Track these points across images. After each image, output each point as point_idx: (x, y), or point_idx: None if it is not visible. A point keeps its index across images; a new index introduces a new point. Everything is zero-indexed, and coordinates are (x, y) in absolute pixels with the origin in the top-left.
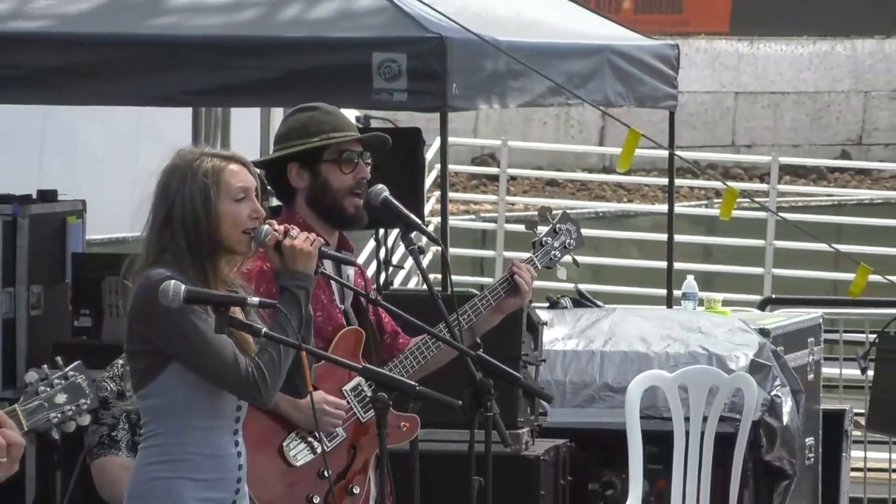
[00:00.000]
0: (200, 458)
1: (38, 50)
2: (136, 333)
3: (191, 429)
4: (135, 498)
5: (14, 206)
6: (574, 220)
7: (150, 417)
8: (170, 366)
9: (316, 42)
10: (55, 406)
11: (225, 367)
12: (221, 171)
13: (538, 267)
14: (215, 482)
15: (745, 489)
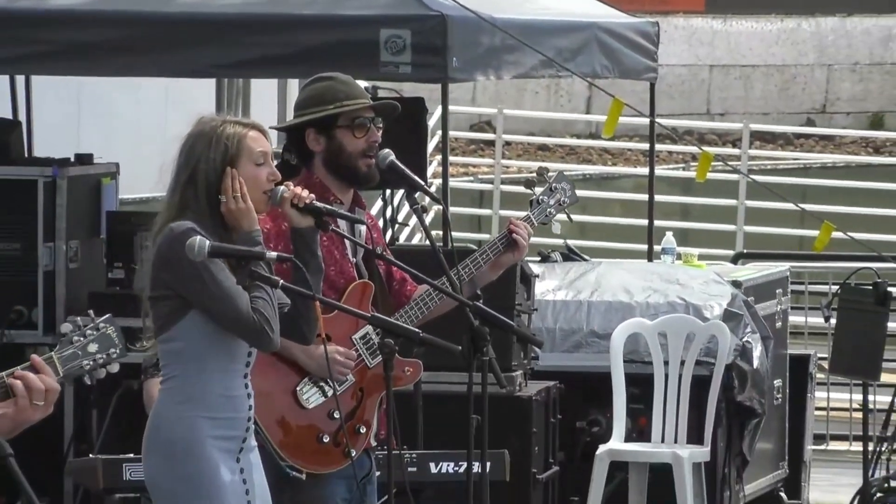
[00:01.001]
0: (216, 398)
1: (74, 26)
2: (159, 281)
3: (207, 371)
4: (155, 434)
5: (54, 169)
6: (569, 179)
7: (169, 360)
8: (190, 312)
9: (328, 19)
10: (88, 354)
11: (239, 315)
12: (243, 136)
13: (535, 224)
14: (229, 421)
15: (718, 427)
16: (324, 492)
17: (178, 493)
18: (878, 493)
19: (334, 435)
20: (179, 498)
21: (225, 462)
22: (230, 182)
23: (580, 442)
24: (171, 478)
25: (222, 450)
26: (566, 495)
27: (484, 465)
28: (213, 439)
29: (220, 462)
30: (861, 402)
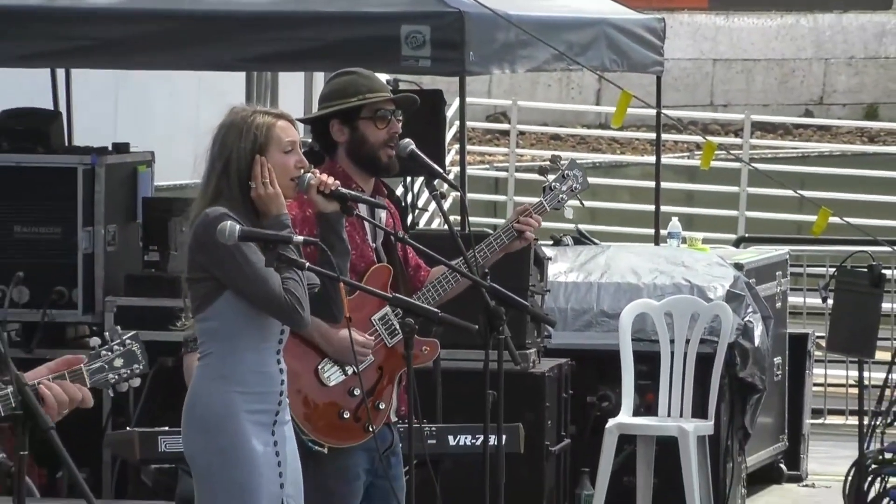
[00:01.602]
0: (250, 374)
1: (112, 22)
2: (195, 263)
3: (241, 349)
4: (193, 409)
5: (92, 157)
6: (580, 167)
7: (206, 338)
8: (224, 293)
9: (352, 16)
10: (113, 368)
11: (271, 296)
12: (272, 126)
13: (547, 209)
14: (262, 395)
15: (721, 402)
16: (346, 463)
17: (214, 465)
18: (873, 465)
19: (354, 411)
20: (215, 470)
21: (258, 435)
22: (259, 169)
23: (591, 416)
24: (207, 451)
25: (256, 423)
26: (577, 466)
27: (500, 437)
28: (246, 413)
29: (254, 435)
30: (857, 379)
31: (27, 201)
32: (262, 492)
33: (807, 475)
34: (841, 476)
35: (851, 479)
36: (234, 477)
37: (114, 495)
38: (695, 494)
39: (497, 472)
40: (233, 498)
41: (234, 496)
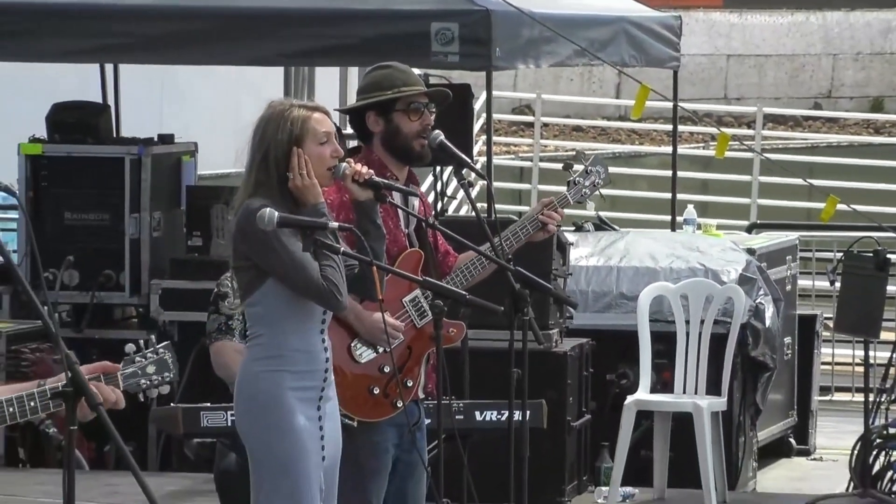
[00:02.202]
0: (295, 353)
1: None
2: (238, 253)
3: (287, 330)
4: (244, 388)
5: (139, 148)
6: (604, 162)
7: (254, 322)
8: (267, 280)
9: (385, 13)
10: (146, 375)
11: (309, 282)
12: (307, 119)
13: (571, 203)
14: (307, 373)
15: (734, 379)
16: (376, 437)
17: (263, 439)
18: (878, 440)
19: (384, 387)
20: (264, 443)
21: (303, 411)
22: (296, 160)
23: (610, 393)
24: (257, 426)
25: (301, 399)
26: (597, 441)
27: (524, 413)
28: (292, 390)
29: (299, 411)
30: (862, 358)
31: (77, 189)
32: (307, 464)
33: (815, 449)
34: (847, 450)
35: (857, 452)
36: (280, 451)
37: (158, 468)
38: (709, 467)
39: (521, 446)
40: (280, 470)
41: (280, 469)
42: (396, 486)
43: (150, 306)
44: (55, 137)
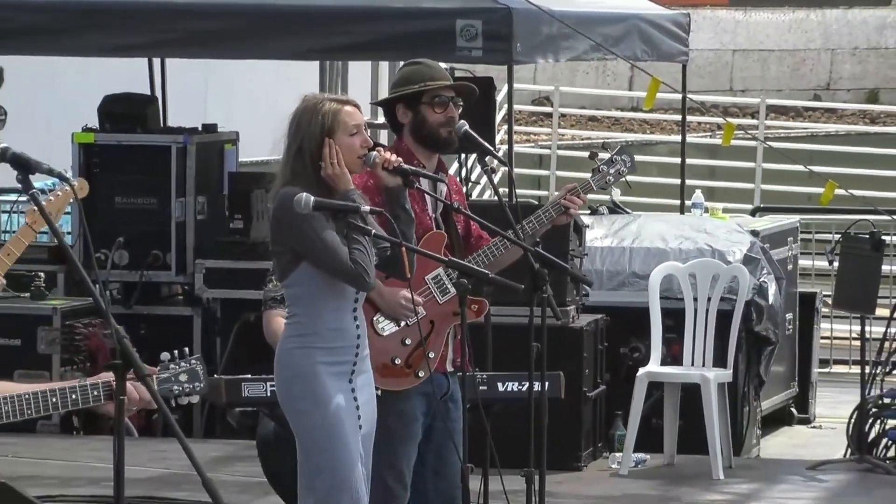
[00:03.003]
0: (328, 331)
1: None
2: (276, 237)
3: (321, 310)
4: (281, 363)
5: (185, 137)
6: (630, 152)
7: (291, 301)
8: (303, 263)
9: (413, 11)
10: (178, 382)
11: (339, 264)
12: (338, 111)
13: (593, 189)
14: (339, 349)
15: (739, 353)
16: (404, 407)
17: (300, 408)
18: (873, 409)
19: (406, 358)
20: (302, 412)
21: (336, 383)
22: (328, 151)
23: (623, 365)
24: (294, 398)
25: (334, 374)
26: (611, 410)
27: (543, 384)
28: (325, 365)
29: (332, 383)
30: (859, 333)
31: (127, 176)
32: (343, 433)
33: (815, 418)
34: (845, 419)
35: (854, 421)
36: (315, 420)
37: (203, 435)
38: (715, 435)
39: (541, 415)
40: (317, 436)
41: (317, 435)
42: (435, 451)
43: (194, 284)
44: (106, 127)
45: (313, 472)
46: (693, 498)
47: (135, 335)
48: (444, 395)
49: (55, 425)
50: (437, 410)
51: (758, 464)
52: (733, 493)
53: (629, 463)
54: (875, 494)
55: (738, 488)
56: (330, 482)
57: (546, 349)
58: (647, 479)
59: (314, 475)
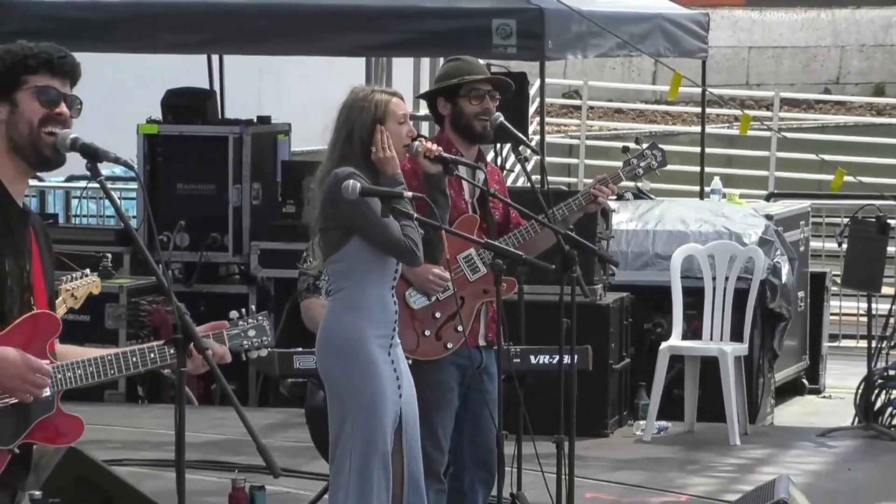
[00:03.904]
0: (373, 305)
1: (257, 15)
2: (327, 215)
3: (367, 284)
4: (329, 335)
5: (241, 128)
6: (661, 148)
7: (337, 277)
8: (351, 239)
9: (452, 11)
10: (247, 337)
11: (392, 239)
12: (388, 102)
13: (623, 179)
14: (381, 322)
15: (754, 328)
16: (438, 376)
17: (346, 380)
18: (879, 380)
19: (436, 331)
20: (347, 383)
21: (380, 355)
22: (380, 136)
23: (647, 340)
24: (341, 369)
25: (378, 346)
26: (636, 381)
27: (572, 357)
28: (373, 337)
29: (378, 354)
30: (866, 309)
31: (188, 164)
32: (385, 400)
33: (824, 388)
34: (853, 389)
35: (861, 391)
36: (363, 389)
37: (257, 404)
38: (732, 404)
39: (570, 386)
40: (362, 406)
41: (363, 405)
42: (471, 419)
43: (250, 264)
44: (169, 119)
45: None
46: (711, 462)
47: (194, 311)
48: (478, 367)
49: (121, 394)
50: (471, 381)
51: (771, 431)
52: (749, 457)
53: (652, 430)
54: (880, 460)
55: (753, 453)
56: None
57: (575, 325)
58: (669, 445)
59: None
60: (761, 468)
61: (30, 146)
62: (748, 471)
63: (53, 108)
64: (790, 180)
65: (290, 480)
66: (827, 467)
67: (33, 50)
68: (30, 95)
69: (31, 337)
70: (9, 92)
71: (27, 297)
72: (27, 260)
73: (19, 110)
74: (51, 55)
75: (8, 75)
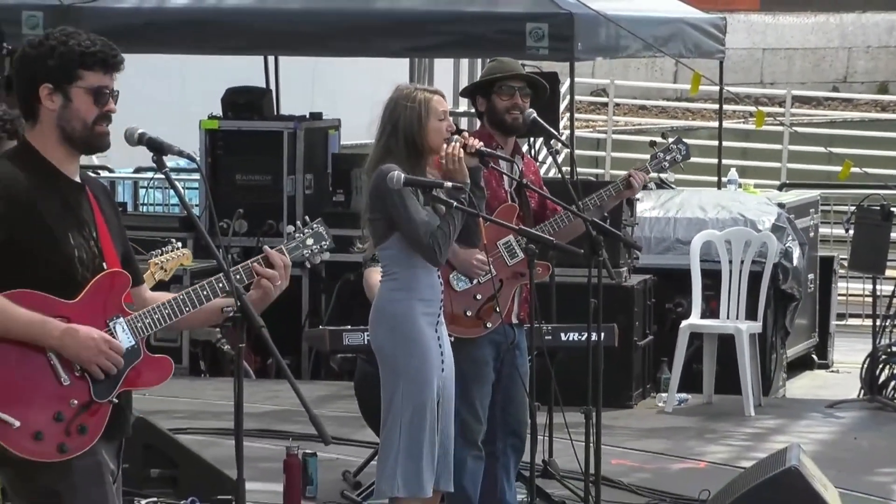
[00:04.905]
0: (423, 286)
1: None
2: (374, 206)
3: (417, 267)
4: (382, 313)
5: (294, 123)
6: (685, 143)
7: (387, 262)
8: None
9: (489, 16)
10: (306, 246)
11: (417, 236)
12: (430, 100)
13: (650, 172)
14: (429, 301)
15: (768, 308)
16: (476, 352)
17: (398, 353)
18: (883, 356)
19: (476, 311)
20: (399, 357)
21: (428, 331)
22: (451, 149)
23: (668, 318)
24: (393, 343)
25: (427, 323)
26: (658, 356)
27: (599, 334)
28: (422, 315)
29: (426, 330)
30: (871, 291)
31: (246, 157)
32: (431, 371)
33: (833, 363)
34: (859, 364)
35: (867, 366)
36: (412, 362)
37: (310, 377)
38: (747, 378)
39: (597, 361)
40: (411, 378)
41: (412, 377)
42: (504, 391)
43: None
44: (228, 115)
45: (399, 409)
46: (727, 431)
47: None
48: (511, 343)
49: (185, 368)
50: (504, 356)
51: (783, 402)
52: (762, 427)
53: (673, 401)
54: (884, 429)
55: (767, 423)
56: (412, 420)
57: (602, 305)
58: (688, 416)
59: (398, 413)
60: (774, 437)
61: (81, 140)
62: (762, 439)
63: (105, 107)
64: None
65: (340, 448)
66: (834, 436)
67: (90, 48)
68: (84, 94)
69: (106, 296)
70: (63, 84)
71: (98, 262)
72: (92, 228)
73: (73, 106)
74: (106, 54)
75: (64, 69)
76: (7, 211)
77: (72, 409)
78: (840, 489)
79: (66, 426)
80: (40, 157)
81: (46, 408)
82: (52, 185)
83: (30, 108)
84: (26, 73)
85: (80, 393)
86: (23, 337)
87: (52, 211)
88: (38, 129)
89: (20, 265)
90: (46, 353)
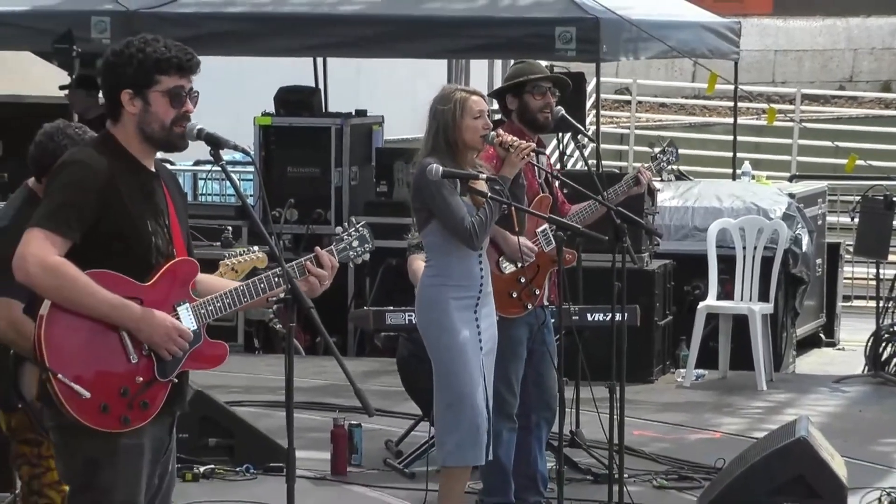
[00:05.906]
0: (456, 273)
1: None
2: (416, 196)
3: (451, 255)
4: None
5: (341, 120)
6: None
7: (428, 249)
8: (435, 219)
9: (521, 20)
10: (352, 248)
11: (455, 223)
12: (467, 100)
13: (654, 171)
14: (464, 287)
15: (779, 290)
16: (513, 332)
17: (432, 333)
18: (886, 335)
19: (520, 293)
20: (436, 337)
21: (461, 313)
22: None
23: (686, 300)
24: (429, 324)
25: (461, 307)
26: (677, 335)
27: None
28: (453, 299)
29: (459, 315)
30: (875, 274)
31: (297, 150)
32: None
33: (839, 342)
34: (863, 342)
35: (871, 344)
36: (445, 342)
37: (355, 354)
38: (759, 355)
39: (621, 339)
40: (447, 358)
41: (448, 357)
42: (535, 367)
43: None
44: (280, 112)
45: (443, 385)
46: (741, 405)
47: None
48: (542, 323)
49: (240, 346)
50: (535, 335)
51: (793, 378)
52: (774, 401)
53: (691, 377)
54: (887, 403)
55: (778, 397)
56: (455, 394)
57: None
58: (705, 390)
59: (443, 389)
60: (784, 410)
61: (161, 140)
62: (773, 412)
63: (182, 109)
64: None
65: (383, 419)
66: (840, 409)
67: (166, 53)
68: (162, 96)
69: (176, 282)
70: (142, 89)
71: (170, 249)
72: (166, 215)
73: (152, 109)
74: (181, 58)
75: (143, 75)
76: (96, 197)
77: (136, 386)
78: (845, 458)
79: (129, 401)
80: (122, 148)
81: (114, 383)
82: (133, 173)
83: (114, 109)
84: (110, 80)
85: (146, 371)
86: (103, 316)
87: (134, 198)
88: (120, 127)
89: (105, 249)
90: (120, 332)
